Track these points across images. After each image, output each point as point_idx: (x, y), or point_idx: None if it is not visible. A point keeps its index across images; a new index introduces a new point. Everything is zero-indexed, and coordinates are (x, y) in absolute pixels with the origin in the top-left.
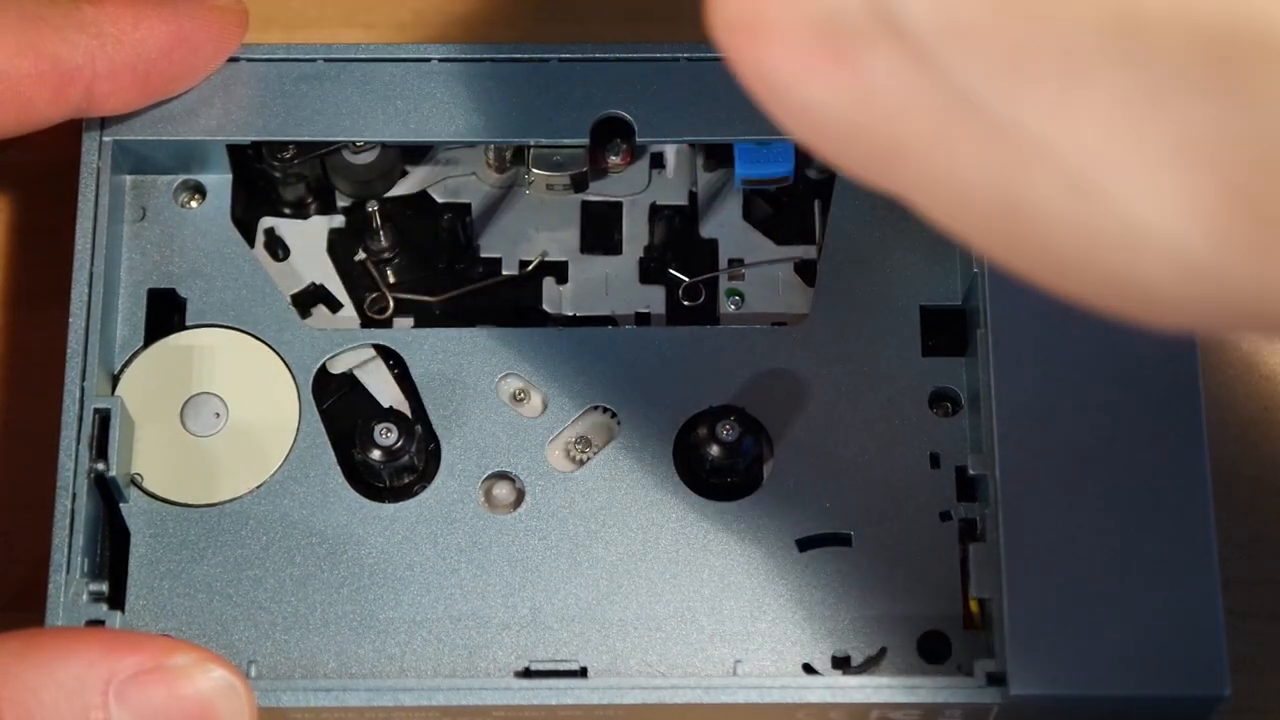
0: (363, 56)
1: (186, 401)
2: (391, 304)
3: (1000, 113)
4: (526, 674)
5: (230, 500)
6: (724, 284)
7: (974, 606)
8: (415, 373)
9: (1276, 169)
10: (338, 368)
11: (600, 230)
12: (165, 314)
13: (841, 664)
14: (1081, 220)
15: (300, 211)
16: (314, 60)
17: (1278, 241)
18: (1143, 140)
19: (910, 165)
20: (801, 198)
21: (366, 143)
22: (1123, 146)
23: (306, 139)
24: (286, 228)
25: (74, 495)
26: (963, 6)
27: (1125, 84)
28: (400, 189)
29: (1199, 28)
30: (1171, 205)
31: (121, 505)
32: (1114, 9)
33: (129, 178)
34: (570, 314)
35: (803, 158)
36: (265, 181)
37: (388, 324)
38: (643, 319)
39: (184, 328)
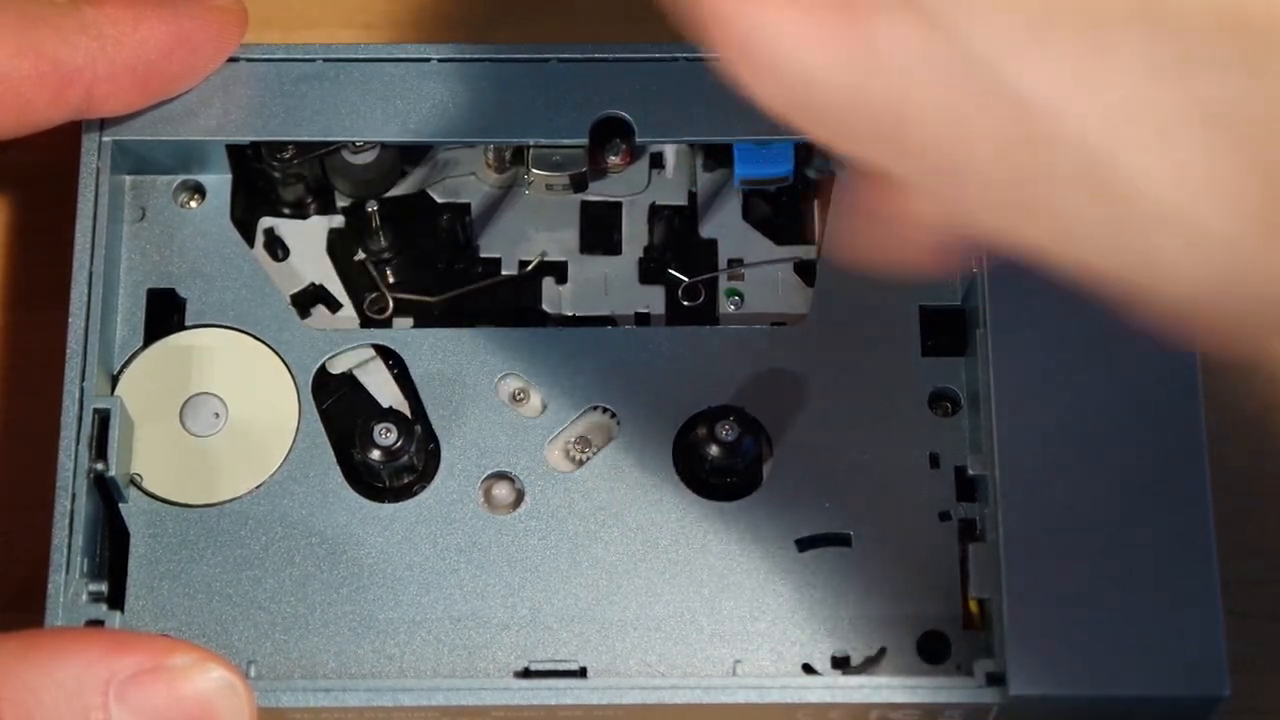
0: (362, 56)
1: (186, 401)
2: (391, 304)
3: (1014, 81)
4: (526, 674)
5: (230, 500)
6: (723, 284)
7: (973, 606)
8: (415, 373)
9: None
10: (337, 368)
11: (600, 230)
12: (165, 314)
13: (841, 664)
14: (1094, 193)
15: (300, 211)
16: (313, 60)
17: None
18: (1161, 112)
19: (914, 135)
20: (801, 198)
21: (366, 143)
22: (1141, 118)
23: (306, 139)
24: (286, 228)
25: (74, 495)
26: None
27: (1146, 55)
28: (400, 189)
29: (1218, 9)
30: (1188, 179)
31: (121, 505)
32: None
33: (128, 178)
34: (570, 314)
35: (802, 158)
36: (265, 181)
37: (387, 324)
38: (642, 319)
39: (183, 328)
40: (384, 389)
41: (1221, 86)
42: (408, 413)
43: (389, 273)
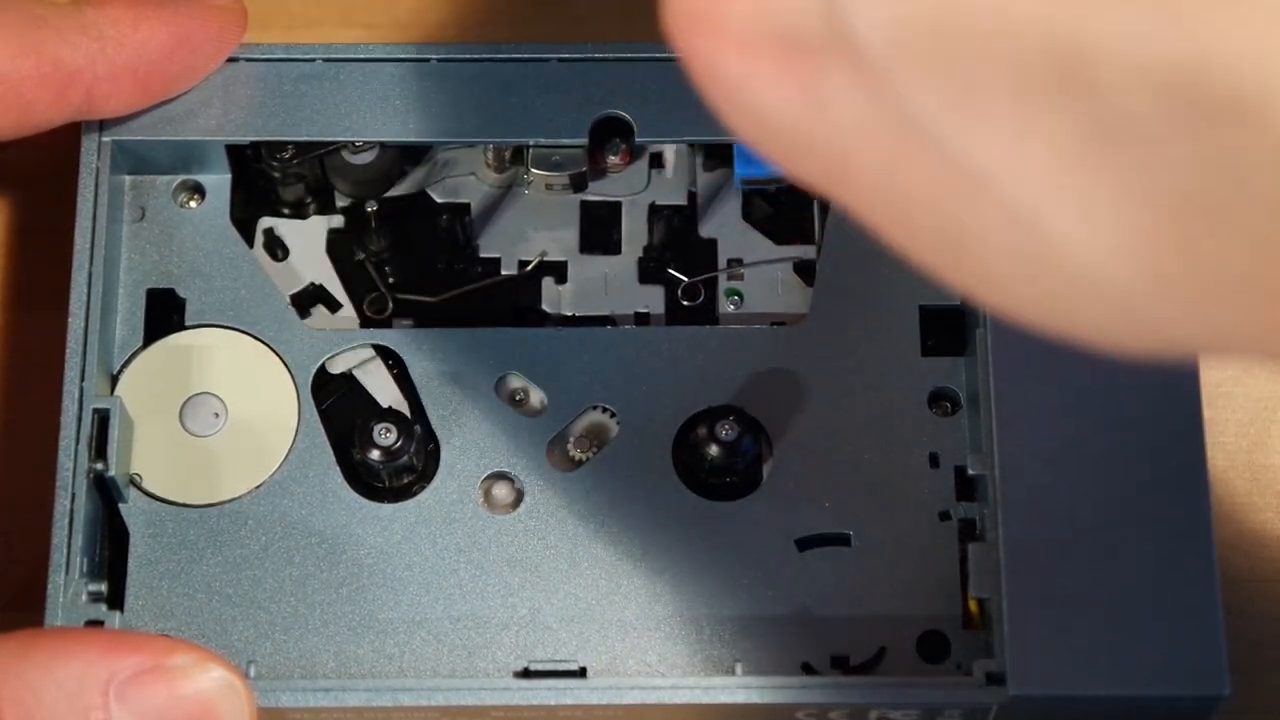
0: (362, 56)
1: (186, 401)
2: (390, 304)
3: (950, 142)
4: (526, 674)
5: (229, 500)
6: (723, 284)
7: (973, 606)
8: (414, 373)
9: (1216, 221)
10: (337, 368)
11: (599, 230)
12: (164, 314)
13: (841, 664)
14: (1022, 253)
15: (299, 211)
16: (313, 60)
17: (1210, 292)
18: (1084, 181)
19: (858, 183)
20: (801, 198)
21: (366, 143)
22: (1065, 185)
23: (306, 139)
24: (286, 228)
25: (73, 495)
26: (915, 32)
27: (1072, 122)
28: (400, 189)
29: (1151, 70)
30: (1107, 247)
31: (121, 505)
32: (1065, 45)
33: (128, 178)
34: (569, 314)
35: None
36: (264, 181)
37: (387, 324)
38: (642, 319)
39: (183, 328)
40: (384, 389)
41: (1144, 155)
42: (407, 413)
43: (389, 273)
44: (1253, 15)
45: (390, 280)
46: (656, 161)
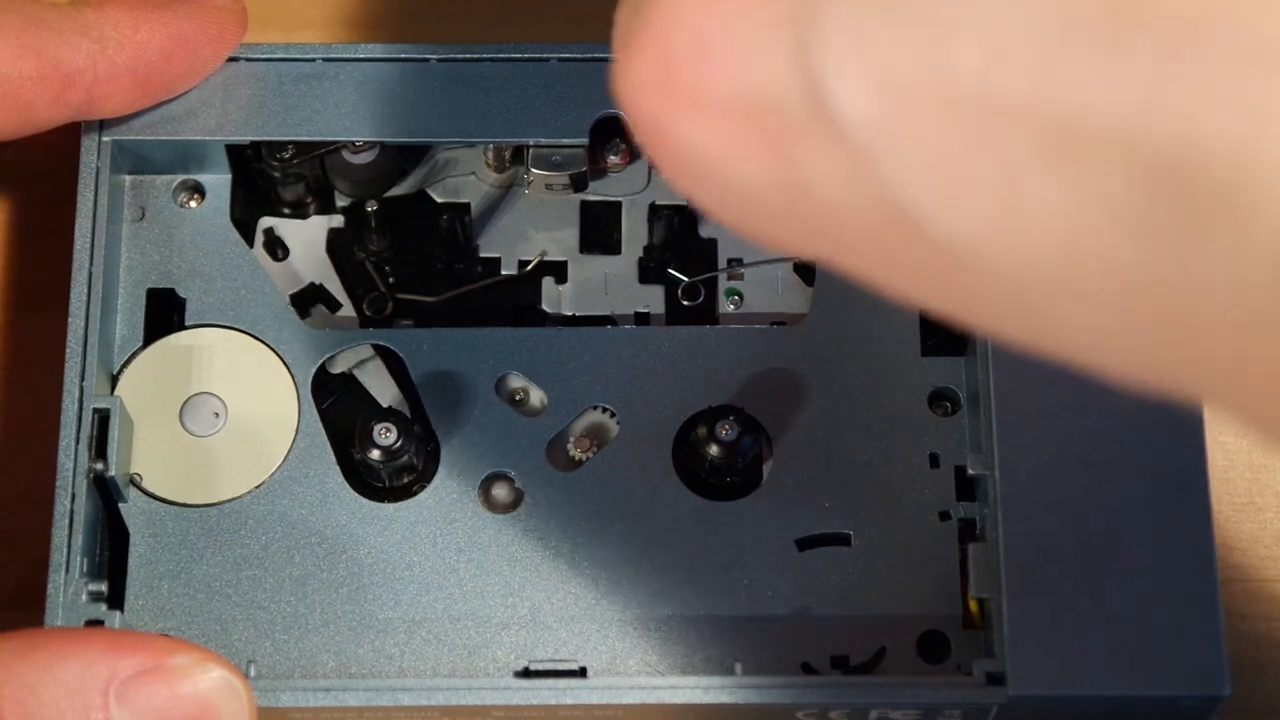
0: (362, 56)
1: (186, 401)
2: (390, 304)
3: (932, 224)
4: (526, 674)
5: (229, 500)
6: (723, 284)
7: (973, 606)
8: (414, 373)
9: (1214, 318)
10: (337, 367)
11: (599, 230)
12: (164, 314)
13: (841, 664)
14: (1015, 314)
15: (299, 211)
16: (313, 60)
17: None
18: (1082, 263)
19: (845, 256)
20: None
21: (366, 143)
22: (1062, 264)
23: (306, 139)
24: (285, 227)
25: (73, 495)
26: (906, 115)
27: (1068, 202)
28: (399, 189)
29: (1144, 157)
30: (1104, 334)
31: (121, 505)
32: (1059, 130)
33: (128, 178)
34: (570, 314)
35: None
36: (264, 181)
37: (387, 324)
38: (642, 319)
39: (183, 327)
40: (383, 389)
41: (1134, 246)
42: (407, 413)
43: (389, 273)
44: (1242, 91)
45: (390, 280)
46: None
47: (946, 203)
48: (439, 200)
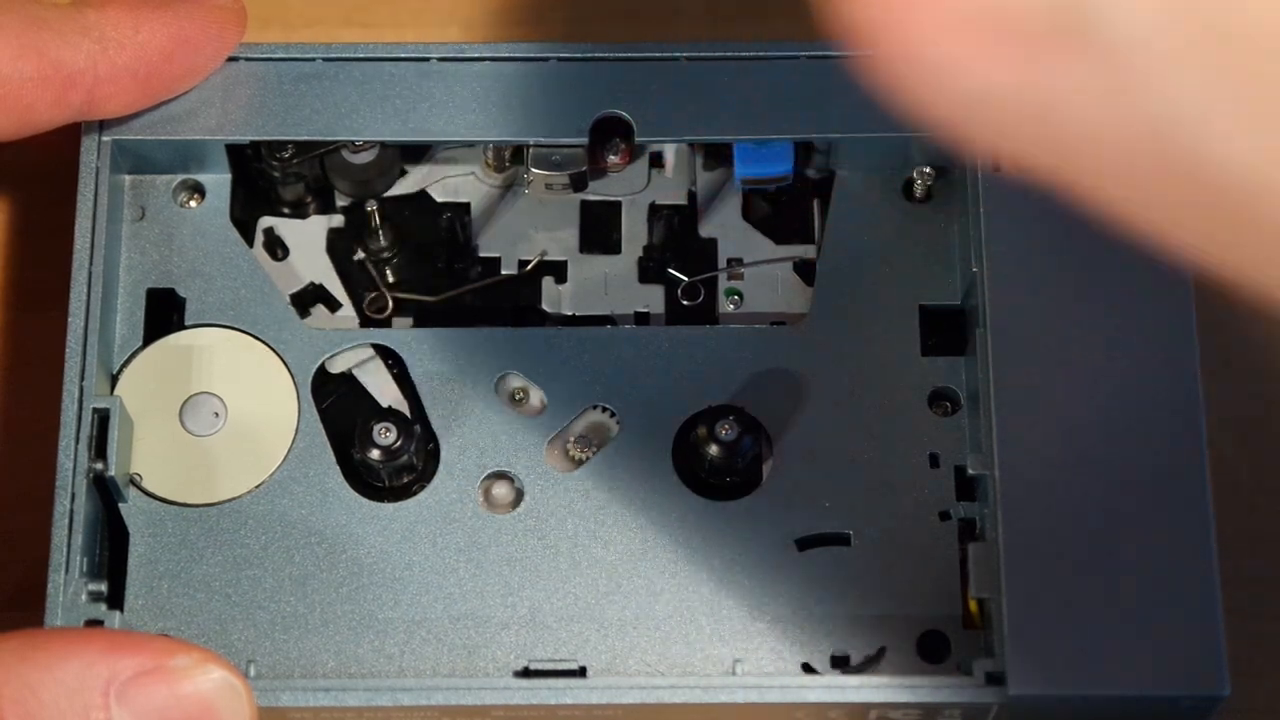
0: (362, 56)
1: (185, 401)
2: (390, 304)
3: (1191, 142)
4: (526, 674)
5: (229, 500)
6: (723, 283)
7: (973, 606)
8: (414, 372)
9: None
10: (337, 367)
11: (599, 230)
12: (164, 314)
13: (841, 663)
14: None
15: (299, 211)
16: (313, 60)
17: None
18: None
19: (1099, 179)
20: (801, 197)
21: (366, 142)
22: None
23: (305, 138)
24: (285, 227)
25: (73, 495)
26: (1187, 38)
27: None
28: (399, 188)
29: None
30: None
31: (120, 505)
32: None
33: (128, 177)
34: (569, 314)
35: (802, 157)
36: (264, 181)
37: (387, 324)
38: (642, 319)
39: (183, 327)
40: (383, 389)
41: None
42: (407, 412)
43: (389, 272)
44: None
45: (390, 280)
46: (656, 161)
47: (1227, 131)
48: (439, 200)
